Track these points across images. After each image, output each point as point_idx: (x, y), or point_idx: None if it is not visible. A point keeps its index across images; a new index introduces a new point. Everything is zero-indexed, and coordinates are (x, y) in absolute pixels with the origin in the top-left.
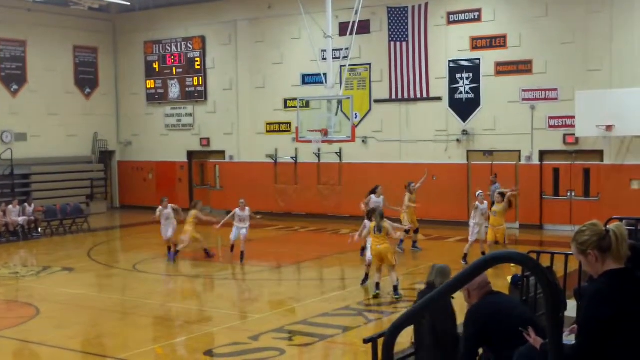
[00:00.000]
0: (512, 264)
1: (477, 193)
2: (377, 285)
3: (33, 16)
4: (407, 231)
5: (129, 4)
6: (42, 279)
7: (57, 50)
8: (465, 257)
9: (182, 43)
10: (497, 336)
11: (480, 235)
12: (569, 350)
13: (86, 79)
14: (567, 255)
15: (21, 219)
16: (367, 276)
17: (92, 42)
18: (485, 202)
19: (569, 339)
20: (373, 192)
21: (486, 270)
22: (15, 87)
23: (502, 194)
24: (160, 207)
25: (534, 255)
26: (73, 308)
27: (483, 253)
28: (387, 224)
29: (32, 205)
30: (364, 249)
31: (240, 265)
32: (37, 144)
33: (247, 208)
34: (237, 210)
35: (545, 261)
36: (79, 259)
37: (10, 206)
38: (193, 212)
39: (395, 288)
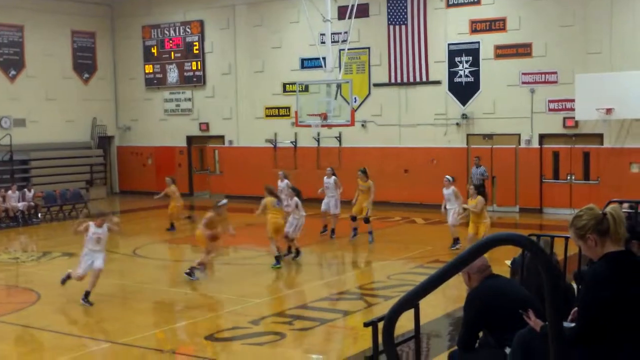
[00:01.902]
0: (507, 261)
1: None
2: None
3: (30, 1)
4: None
5: None
6: (42, 264)
7: (54, 35)
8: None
9: (181, 27)
10: (497, 319)
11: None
12: (569, 333)
13: (84, 64)
14: (567, 238)
15: (21, 205)
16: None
17: (90, 27)
18: (452, 187)
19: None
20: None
21: (485, 253)
22: (13, 72)
23: (477, 187)
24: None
25: (533, 238)
26: (73, 293)
27: (456, 239)
28: (270, 198)
29: (32, 190)
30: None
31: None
32: (35, 130)
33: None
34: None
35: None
36: (79, 244)
37: (10, 192)
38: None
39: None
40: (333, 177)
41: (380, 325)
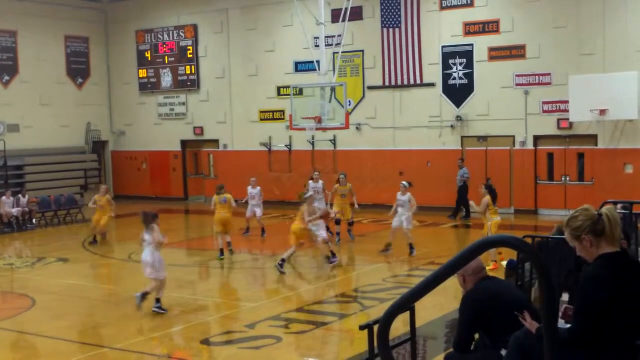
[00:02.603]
0: (503, 262)
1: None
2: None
3: (23, 6)
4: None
5: None
6: (37, 270)
7: (48, 40)
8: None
9: (174, 32)
10: (492, 321)
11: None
12: (564, 334)
13: (78, 68)
14: (561, 239)
15: (15, 210)
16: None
17: (83, 32)
18: (408, 193)
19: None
20: (312, 178)
21: (480, 255)
22: (6, 77)
23: (487, 187)
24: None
25: (528, 240)
26: (68, 298)
27: (410, 245)
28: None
29: (26, 196)
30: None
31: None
32: (29, 135)
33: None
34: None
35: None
36: (73, 249)
37: (4, 197)
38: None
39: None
40: (320, 181)
41: (376, 328)
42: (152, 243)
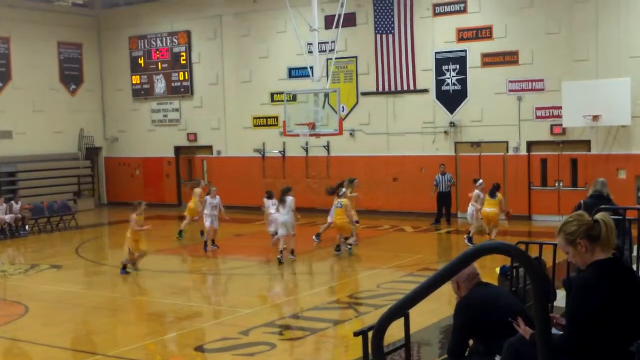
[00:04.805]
0: (496, 268)
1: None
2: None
3: (16, 12)
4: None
5: None
6: (30, 277)
7: (41, 47)
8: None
9: (167, 38)
10: (487, 327)
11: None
12: (557, 341)
13: (71, 75)
14: (555, 245)
15: (8, 217)
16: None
17: (76, 38)
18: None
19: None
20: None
21: (474, 262)
22: None
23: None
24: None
25: (522, 246)
26: (62, 305)
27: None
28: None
29: (19, 202)
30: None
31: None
32: (22, 142)
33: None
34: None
35: (533, 252)
36: (67, 256)
37: None
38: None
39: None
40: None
41: (371, 334)
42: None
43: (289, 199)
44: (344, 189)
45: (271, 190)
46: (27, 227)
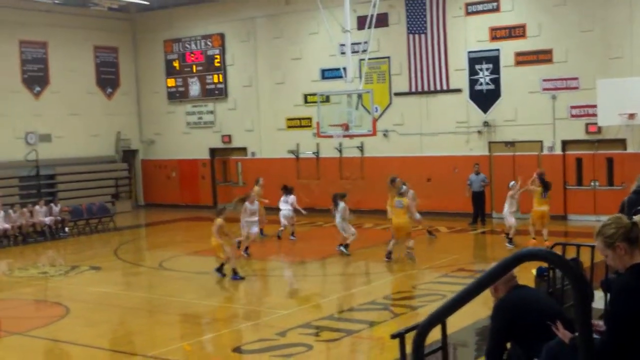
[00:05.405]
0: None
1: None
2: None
3: (53, 17)
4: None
5: (148, 3)
6: (70, 278)
7: (78, 51)
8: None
9: (202, 41)
10: (524, 330)
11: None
12: (597, 345)
13: (107, 78)
14: (593, 247)
15: (48, 219)
16: None
17: (112, 42)
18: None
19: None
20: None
21: (515, 268)
22: (37, 88)
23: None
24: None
25: (559, 248)
26: (101, 307)
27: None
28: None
29: (59, 205)
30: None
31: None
32: (61, 145)
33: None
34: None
35: (571, 253)
36: (105, 257)
37: (37, 207)
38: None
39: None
40: (411, 191)
41: (407, 336)
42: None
43: (341, 205)
44: (405, 187)
45: (287, 185)
46: (66, 229)
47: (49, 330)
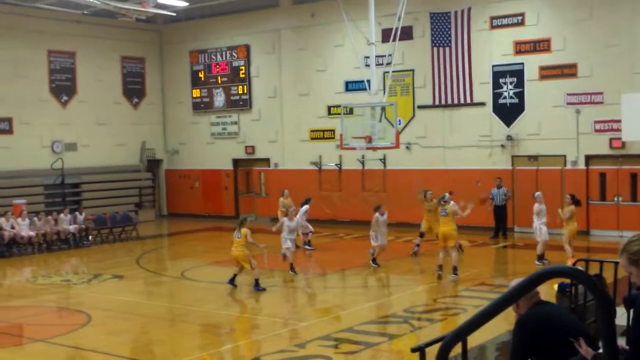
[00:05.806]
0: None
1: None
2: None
3: (82, 28)
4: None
5: (174, 14)
6: (92, 287)
7: (105, 61)
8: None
9: (227, 52)
10: (546, 346)
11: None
12: None
13: (134, 89)
14: (616, 263)
15: (72, 227)
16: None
17: (139, 53)
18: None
19: None
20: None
21: (540, 284)
22: (65, 98)
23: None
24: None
25: (582, 264)
26: (123, 315)
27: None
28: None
29: (83, 213)
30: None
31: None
32: (86, 154)
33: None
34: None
35: (594, 268)
36: (128, 266)
37: (62, 215)
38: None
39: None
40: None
41: (427, 350)
42: None
43: (374, 215)
44: (447, 194)
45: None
46: (90, 237)
47: (71, 337)
